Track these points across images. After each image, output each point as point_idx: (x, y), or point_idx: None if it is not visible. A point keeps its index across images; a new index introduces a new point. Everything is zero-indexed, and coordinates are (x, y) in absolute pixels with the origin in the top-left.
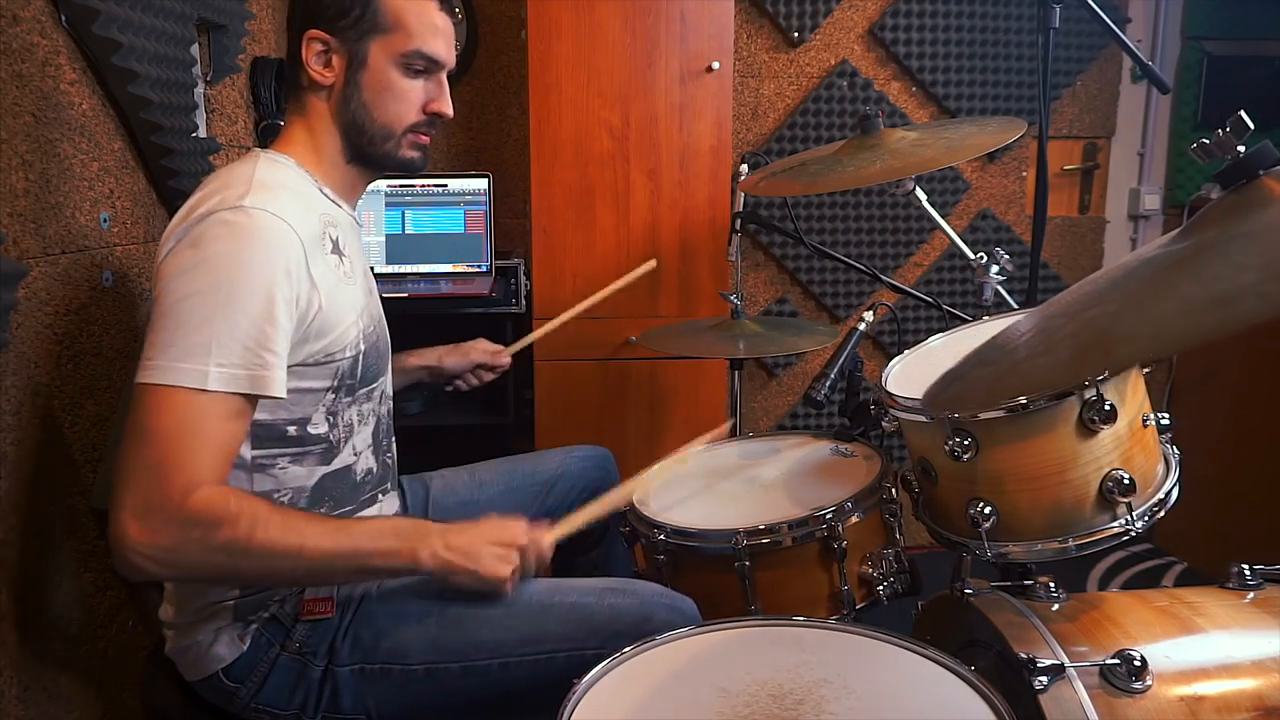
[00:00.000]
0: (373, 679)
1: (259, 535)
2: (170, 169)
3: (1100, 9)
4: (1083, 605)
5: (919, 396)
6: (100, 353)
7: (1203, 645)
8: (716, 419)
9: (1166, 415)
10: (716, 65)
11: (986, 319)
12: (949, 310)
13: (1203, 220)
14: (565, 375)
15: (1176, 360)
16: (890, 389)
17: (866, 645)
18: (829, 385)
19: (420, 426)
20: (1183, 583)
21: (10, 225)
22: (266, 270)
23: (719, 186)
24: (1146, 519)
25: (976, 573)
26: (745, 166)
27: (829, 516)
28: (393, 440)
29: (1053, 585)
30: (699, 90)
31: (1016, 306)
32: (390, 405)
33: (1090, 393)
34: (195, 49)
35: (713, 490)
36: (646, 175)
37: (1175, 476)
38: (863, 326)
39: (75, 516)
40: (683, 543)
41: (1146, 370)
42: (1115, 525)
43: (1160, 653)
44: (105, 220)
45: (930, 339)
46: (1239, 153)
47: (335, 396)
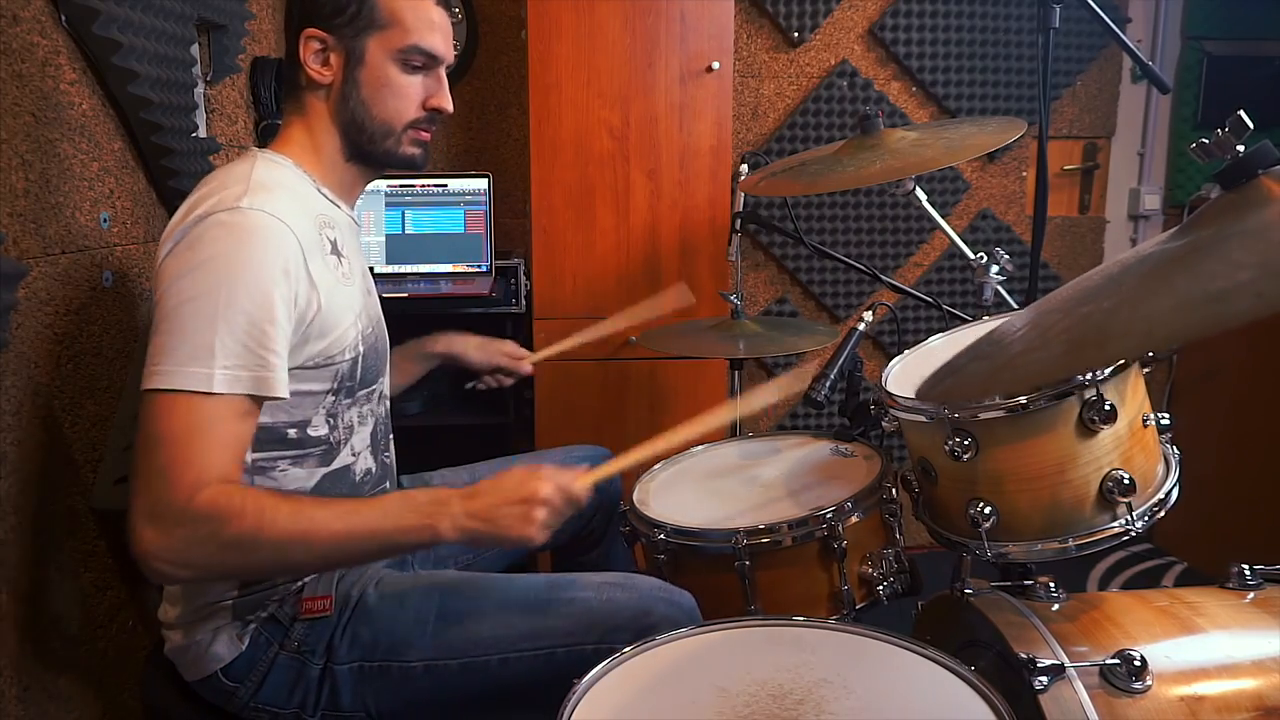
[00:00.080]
0: (372, 677)
1: (267, 526)
2: (170, 169)
3: (1100, 9)
4: (1083, 605)
5: (921, 400)
6: (100, 353)
7: (1203, 645)
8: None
9: (1166, 415)
10: (716, 65)
11: (986, 319)
12: (949, 310)
13: (1200, 218)
14: (565, 375)
15: (1176, 360)
16: (890, 389)
17: (866, 645)
18: (829, 385)
19: (420, 426)
20: (1183, 583)
21: (10, 225)
22: (265, 270)
23: (719, 186)
24: (1146, 519)
25: (976, 573)
26: (745, 166)
27: (829, 516)
28: (391, 440)
29: (1053, 585)
30: (699, 90)
31: (1016, 306)
32: (388, 405)
33: (1090, 392)
34: (195, 49)
35: (713, 490)
36: (646, 175)
37: (1175, 476)
38: (863, 326)
39: (75, 516)
40: (683, 542)
41: (1146, 370)
42: (1115, 525)
43: (1160, 653)
44: (105, 220)
45: (930, 339)
46: (1239, 152)
47: (335, 399)
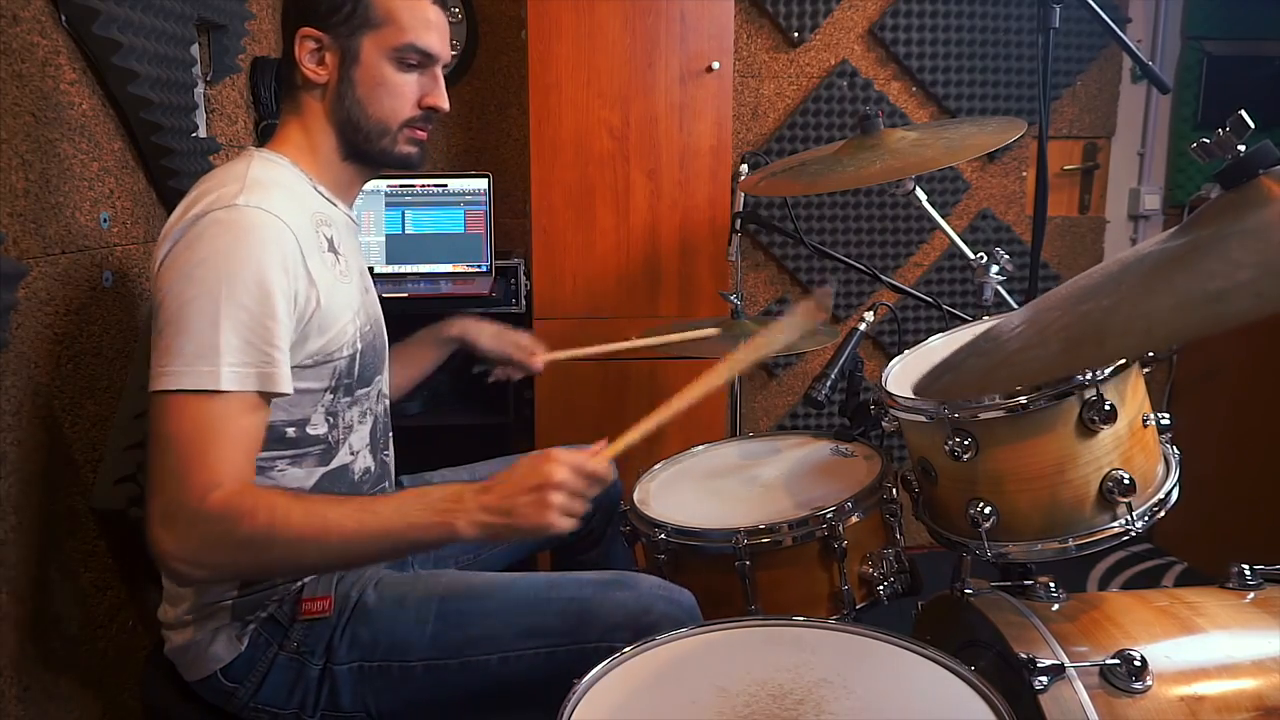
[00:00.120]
0: (372, 677)
1: (280, 525)
2: (170, 169)
3: (1100, 9)
4: (1083, 605)
5: (919, 396)
6: (100, 353)
7: (1203, 645)
8: (716, 419)
9: (1166, 415)
10: (716, 65)
11: (986, 319)
12: (949, 310)
13: (1200, 218)
14: (565, 375)
15: (1176, 360)
16: (890, 389)
17: (866, 645)
18: (829, 385)
19: (420, 426)
20: (1183, 583)
21: (10, 225)
22: (264, 266)
23: (719, 186)
24: (1146, 519)
25: (976, 573)
26: (745, 166)
27: (829, 516)
28: (390, 439)
29: (1053, 585)
30: (699, 90)
31: (1016, 307)
32: (387, 404)
33: (1090, 392)
34: (195, 49)
35: (713, 490)
36: (646, 175)
37: (1175, 476)
38: (863, 326)
39: (75, 516)
40: (683, 542)
41: (1146, 370)
42: (1115, 525)
43: (1160, 653)
44: (105, 220)
45: (930, 339)
46: (1239, 152)
47: (334, 397)
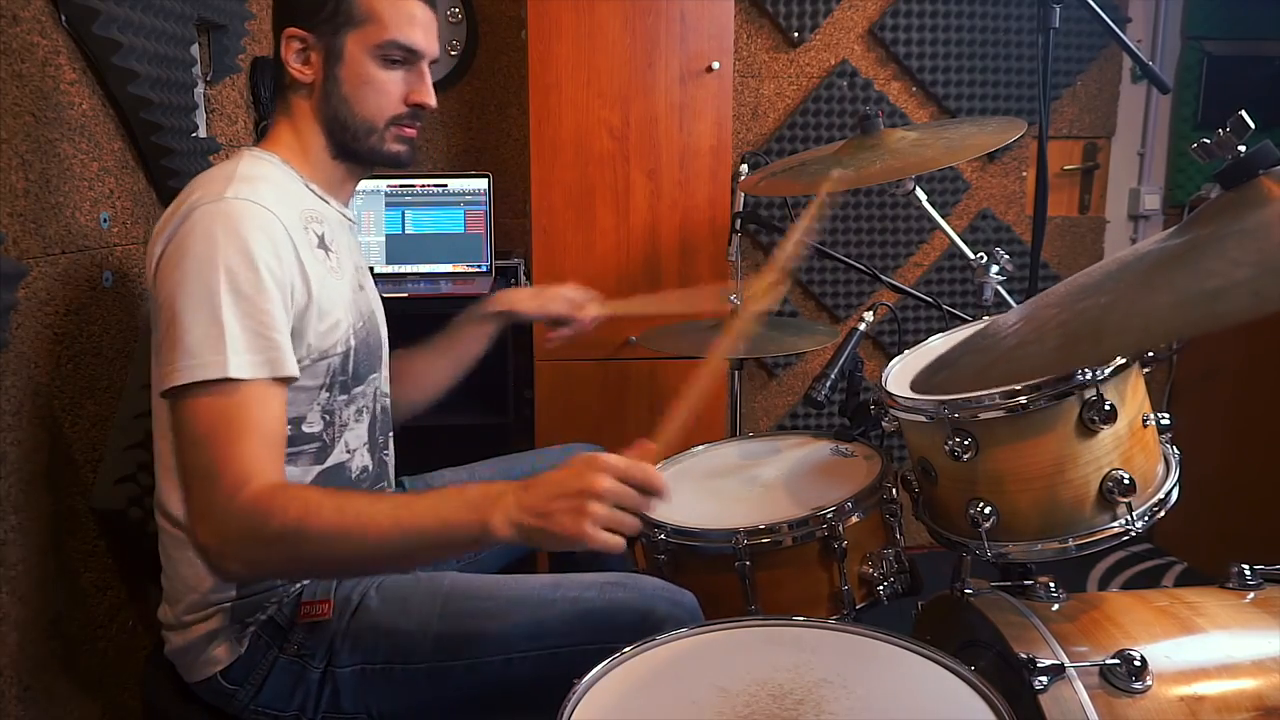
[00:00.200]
0: (374, 680)
1: (311, 522)
2: (170, 169)
3: (1100, 9)
4: (1083, 605)
5: (919, 396)
6: (100, 353)
7: (1203, 645)
8: (716, 419)
9: (1166, 415)
10: (716, 65)
11: (986, 319)
12: (949, 310)
13: (1199, 218)
14: (565, 375)
15: (1177, 360)
16: (890, 389)
17: (866, 645)
18: (829, 385)
19: (420, 426)
20: (1183, 583)
21: (10, 225)
22: (255, 255)
23: (719, 186)
24: (1146, 519)
25: (976, 573)
26: (745, 166)
27: (829, 516)
28: (390, 438)
29: (1053, 585)
30: (699, 90)
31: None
32: (387, 403)
33: (1090, 392)
34: (195, 49)
35: (713, 490)
36: (646, 175)
37: (1175, 476)
38: (863, 326)
39: (75, 516)
40: (683, 542)
41: (1146, 370)
42: (1115, 525)
43: (1160, 653)
44: (105, 220)
45: (930, 339)
46: (1239, 152)
47: (330, 395)
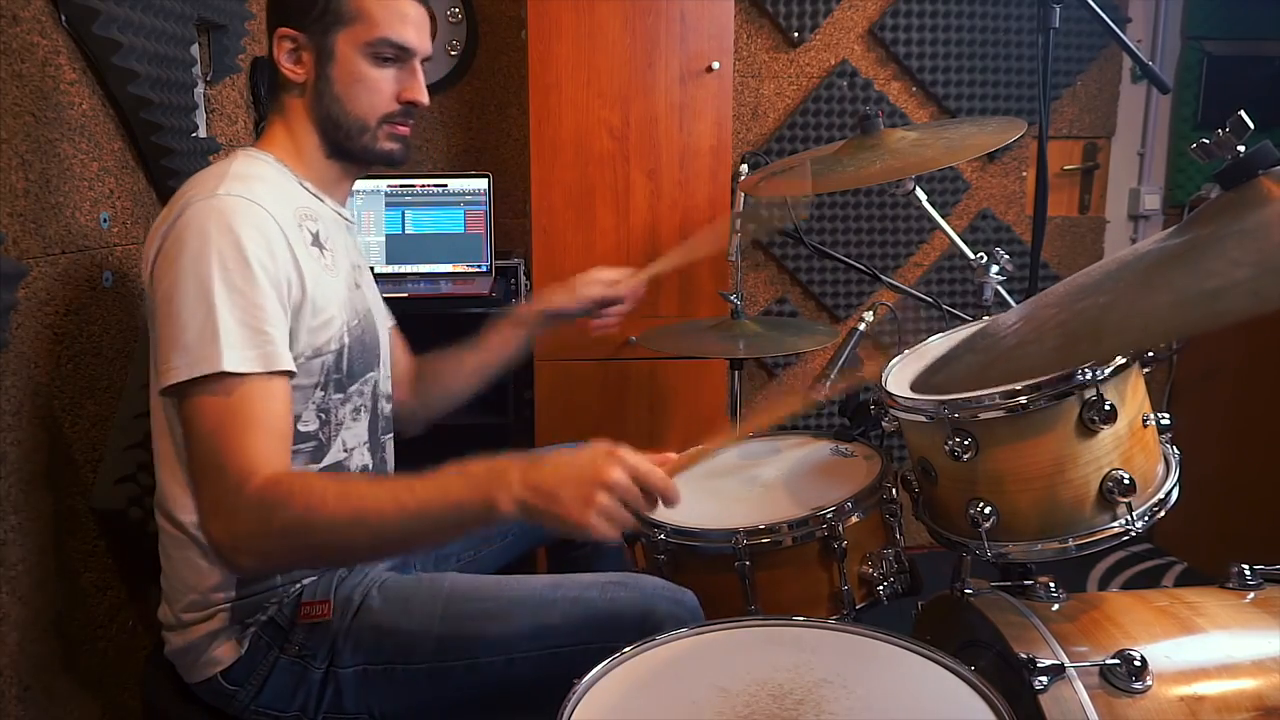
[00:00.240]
0: (376, 680)
1: (316, 511)
2: (170, 169)
3: (1100, 9)
4: (1083, 605)
5: (919, 396)
6: (100, 353)
7: (1203, 645)
8: (717, 419)
9: (1166, 415)
10: (716, 65)
11: (986, 319)
12: (949, 310)
13: (1199, 217)
14: (565, 375)
15: (1177, 360)
16: (890, 389)
17: (866, 645)
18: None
19: None
20: (1183, 583)
21: (10, 225)
22: (247, 251)
23: (719, 186)
24: (1146, 519)
25: (976, 573)
26: (745, 166)
27: (829, 516)
28: (390, 438)
29: (1053, 585)
30: (699, 90)
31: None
32: (386, 403)
33: (1090, 392)
34: (195, 49)
35: (713, 490)
36: (646, 175)
37: (1175, 476)
38: (863, 326)
39: (75, 516)
40: (683, 542)
41: (1146, 370)
42: (1115, 525)
43: (1160, 653)
44: (105, 220)
45: (930, 339)
46: (1239, 153)
47: (325, 393)
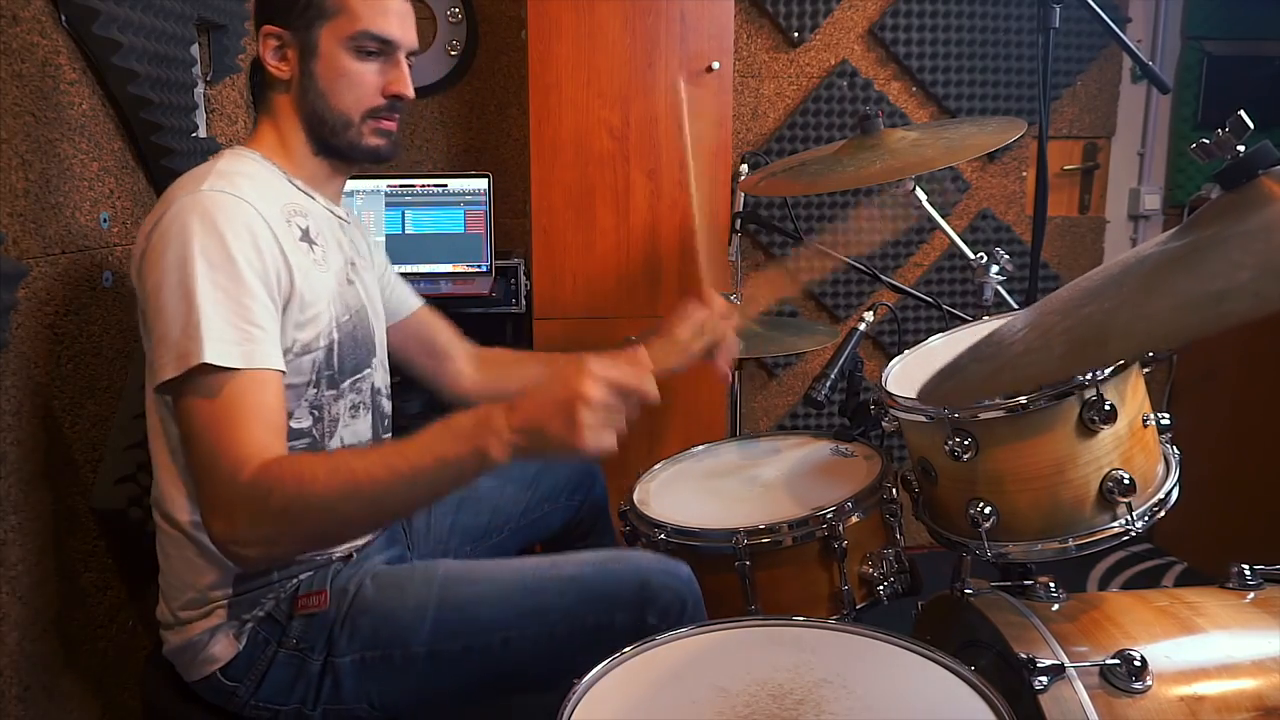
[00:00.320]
0: (374, 667)
1: (309, 488)
2: (170, 169)
3: (1100, 9)
4: (1083, 605)
5: (923, 403)
6: (100, 353)
7: (1203, 645)
8: (717, 419)
9: (1166, 415)
10: (716, 65)
11: (986, 319)
12: (949, 310)
13: (1201, 219)
14: None
15: (1176, 360)
16: (890, 389)
17: (866, 645)
18: (829, 385)
19: (420, 426)
20: (1183, 583)
21: (10, 225)
22: (230, 246)
23: (719, 186)
24: (1146, 519)
25: (976, 573)
26: (745, 166)
27: (829, 516)
28: (390, 437)
29: (1053, 585)
30: (699, 90)
31: (1016, 306)
32: (386, 401)
33: (1090, 393)
34: (195, 49)
35: (713, 490)
36: (646, 175)
37: (1175, 476)
38: (863, 326)
39: (75, 516)
40: (683, 542)
41: (1146, 370)
42: (1115, 525)
43: (1160, 653)
44: (105, 220)
45: (930, 339)
46: (1239, 153)
47: (317, 390)
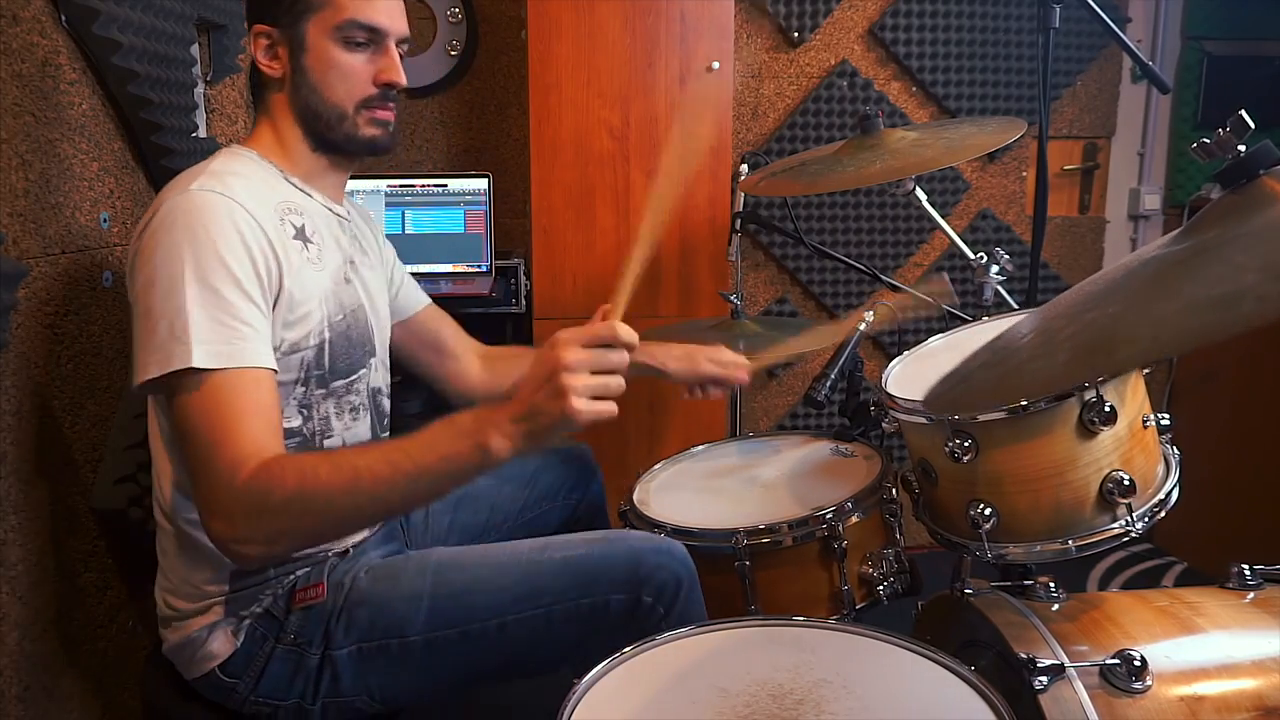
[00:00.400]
0: (372, 657)
1: (309, 485)
2: (170, 169)
3: (1100, 9)
4: (1083, 605)
5: (919, 397)
6: (100, 353)
7: (1203, 645)
8: (716, 419)
9: (1166, 416)
10: (716, 65)
11: (986, 319)
12: (949, 310)
13: (1203, 221)
14: None
15: (1176, 361)
16: (890, 390)
17: (866, 645)
18: (829, 385)
19: (419, 425)
20: (1183, 583)
21: (10, 225)
22: (218, 246)
23: (719, 186)
24: (1146, 520)
25: (976, 573)
26: (745, 166)
27: (829, 516)
28: (388, 437)
29: (1053, 585)
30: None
31: (1016, 306)
32: (386, 401)
33: (1090, 394)
34: (195, 49)
35: (713, 490)
36: (646, 175)
37: (1175, 477)
38: (863, 326)
39: (75, 516)
40: (683, 542)
41: (1147, 371)
42: (1115, 526)
43: (1160, 653)
44: (105, 220)
45: (930, 339)
46: (1239, 152)
47: (306, 390)
